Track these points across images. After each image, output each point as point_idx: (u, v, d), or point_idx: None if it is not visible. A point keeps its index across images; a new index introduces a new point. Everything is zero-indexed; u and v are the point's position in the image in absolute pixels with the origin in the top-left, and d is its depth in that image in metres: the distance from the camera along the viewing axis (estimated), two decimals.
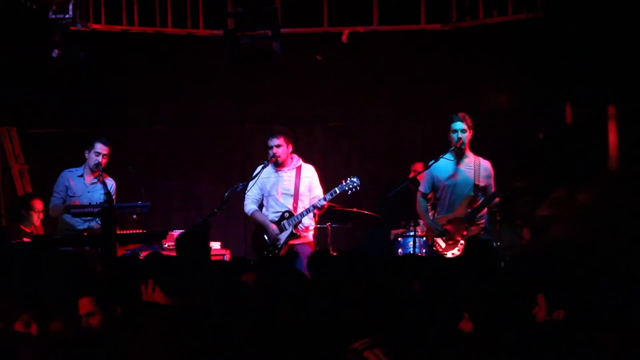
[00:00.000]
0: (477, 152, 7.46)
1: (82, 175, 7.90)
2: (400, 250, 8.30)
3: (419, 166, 8.52)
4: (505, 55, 9.06)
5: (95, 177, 7.84)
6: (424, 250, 7.92)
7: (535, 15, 8.84)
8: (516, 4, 9.11)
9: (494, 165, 7.51)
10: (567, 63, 8.06)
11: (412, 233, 7.83)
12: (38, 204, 8.20)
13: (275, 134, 7.72)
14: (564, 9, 8.21)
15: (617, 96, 7.52)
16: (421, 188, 7.61)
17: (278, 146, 7.69)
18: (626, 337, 3.26)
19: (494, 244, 7.45)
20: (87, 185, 7.84)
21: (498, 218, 7.67)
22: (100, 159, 7.77)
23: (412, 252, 7.63)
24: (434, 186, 7.50)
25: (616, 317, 3.30)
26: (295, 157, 7.87)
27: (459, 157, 7.39)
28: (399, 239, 8.22)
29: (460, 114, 7.37)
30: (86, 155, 7.82)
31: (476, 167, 7.36)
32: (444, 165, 7.43)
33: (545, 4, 8.75)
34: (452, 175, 7.43)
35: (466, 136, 7.31)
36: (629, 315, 3.34)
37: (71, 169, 7.96)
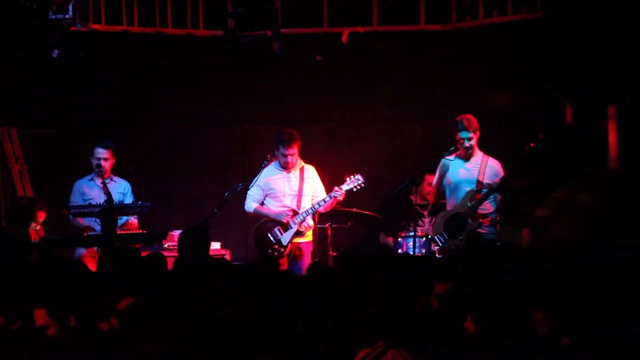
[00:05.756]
0: None
1: (92, 179, 8.00)
2: (400, 251, 8.30)
3: (430, 178, 8.54)
4: (505, 56, 9.06)
5: (107, 178, 7.90)
6: (423, 251, 7.93)
7: (535, 15, 8.83)
8: (516, 4, 9.11)
9: None
10: (567, 63, 8.05)
11: (412, 233, 7.84)
12: (41, 216, 8.20)
13: (292, 141, 7.78)
14: (563, 9, 8.20)
15: (617, 96, 7.51)
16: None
17: (293, 154, 7.80)
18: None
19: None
20: (101, 187, 7.86)
21: (498, 218, 7.70)
22: (101, 162, 7.85)
23: (412, 252, 7.64)
24: (442, 181, 7.65)
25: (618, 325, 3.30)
26: (299, 157, 7.98)
27: (467, 157, 7.55)
28: (399, 239, 8.21)
29: (465, 121, 7.47)
30: (91, 161, 7.92)
31: (483, 166, 7.49)
32: (451, 164, 7.58)
33: (545, 4, 8.74)
34: (458, 174, 7.58)
35: (473, 142, 7.47)
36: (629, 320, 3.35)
37: (83, 177, 8.08)
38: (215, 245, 8.27)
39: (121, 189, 8.05)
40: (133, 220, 8.02)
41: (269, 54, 8.27)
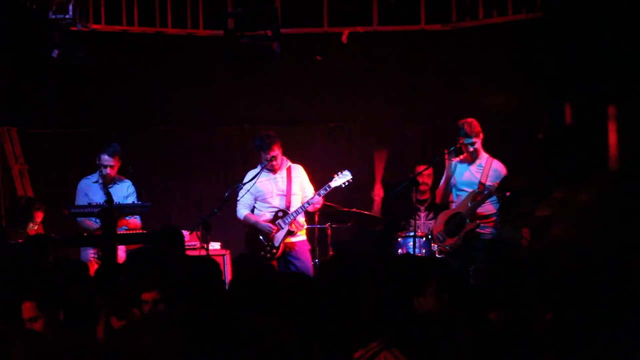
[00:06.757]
0: None
1: (97, 181, 7.93)
2: (400, 251, 8.30)
3: (421, 169, 8.55)
4: (505, 55, 9.06)
5: (110, 183, 7.87)
6: (423, 251, 7.94)
7: (535, 15, 8.83)
8: (516, 4, 9.11)
9: None
10: (567, 63, 8.05)
11: (412, 233, 7.85)
12: (39, 216, 8.19)
13: (270, 145, 7.72)
14: (563, 9, 8.21)
15: (617, 96, 7.51)
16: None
17: (275, 157, 7.74)
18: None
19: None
20: (105, 189, 7.82)
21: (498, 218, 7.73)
22: (107, 170, 7.83)
23: (412, 252, 7.65)
24: (449, 181, 7.70)
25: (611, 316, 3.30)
26: (284, 157, 7.92)
27: (472, 159, 7.62)
28: (399, 239, 8.23)
29: (466, 126, 7.53)
30: (96, 163, 7.89)
31: (487, 168, 7.55)
32: (457, 165, 7.62)
33: (545, 4, 8.74)
34: (463, 176, 7.63)
35: (477, 146, 7.53)
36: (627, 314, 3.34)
37: (87, 176, 8.05)
38: (215, 246, 8.26)
39: (124, 192, 7.99)
40: (133, 220, 7.90)
41: (269, 54, 8.28)
